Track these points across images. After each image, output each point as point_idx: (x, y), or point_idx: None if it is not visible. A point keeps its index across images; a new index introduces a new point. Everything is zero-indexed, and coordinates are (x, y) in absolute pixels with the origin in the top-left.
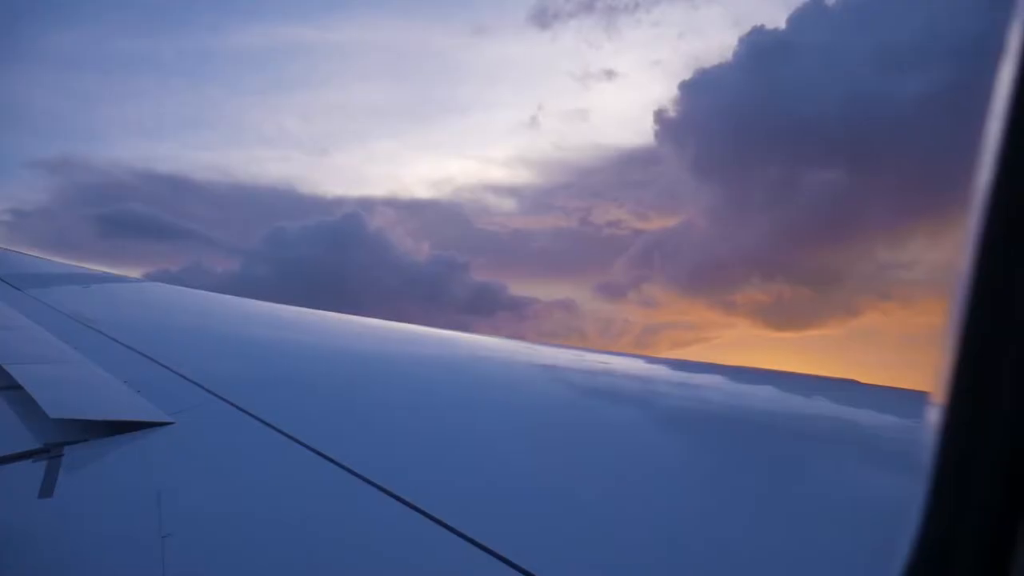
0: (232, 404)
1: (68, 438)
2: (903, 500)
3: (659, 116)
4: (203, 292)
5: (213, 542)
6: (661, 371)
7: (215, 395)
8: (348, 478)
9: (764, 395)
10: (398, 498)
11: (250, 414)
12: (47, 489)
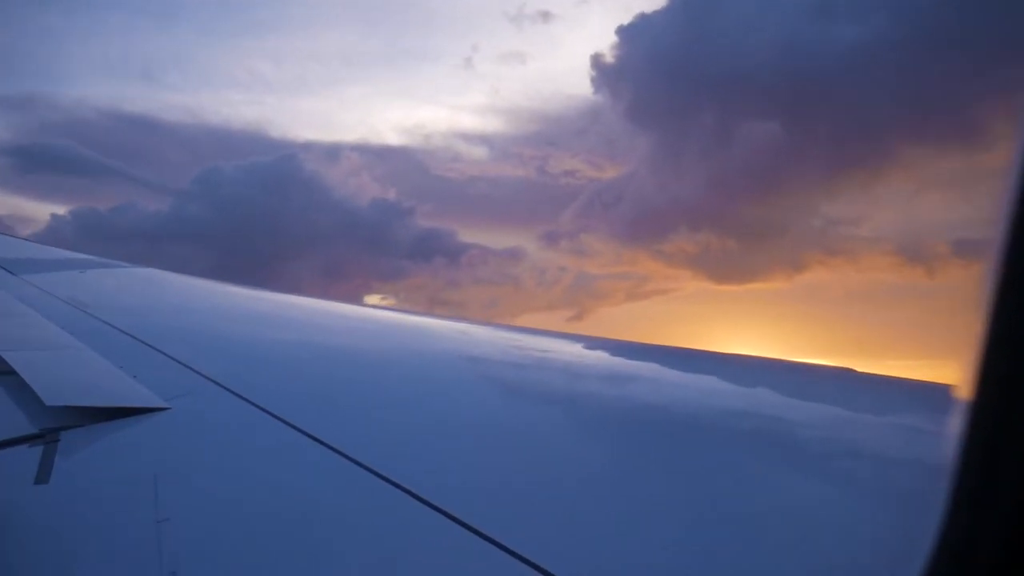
0: (228, 389)
1: (64, 423)
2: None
3: (596, 62)
4: (199, 279)
5: (210, 527)
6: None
7: (211, 380)
8: (342, 462)
9: (762, 389)
10: (392, 482)
11: (246, 399)
12: (43, 475)
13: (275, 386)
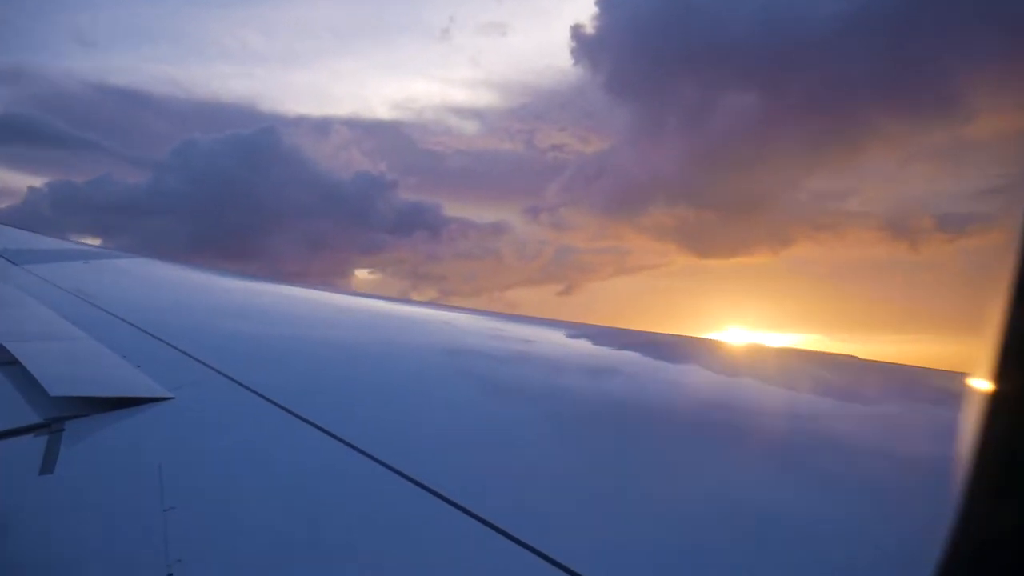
0: (232, 379)
1: (69, 413)
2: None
3: (576, 33)
4: (203, 269)
5: (215, 515)
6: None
7: (215, 370)
8: (347, 451)
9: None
10: (396, 470)
11: (250, 389)
12: (48, 464)
13: (279, 376)
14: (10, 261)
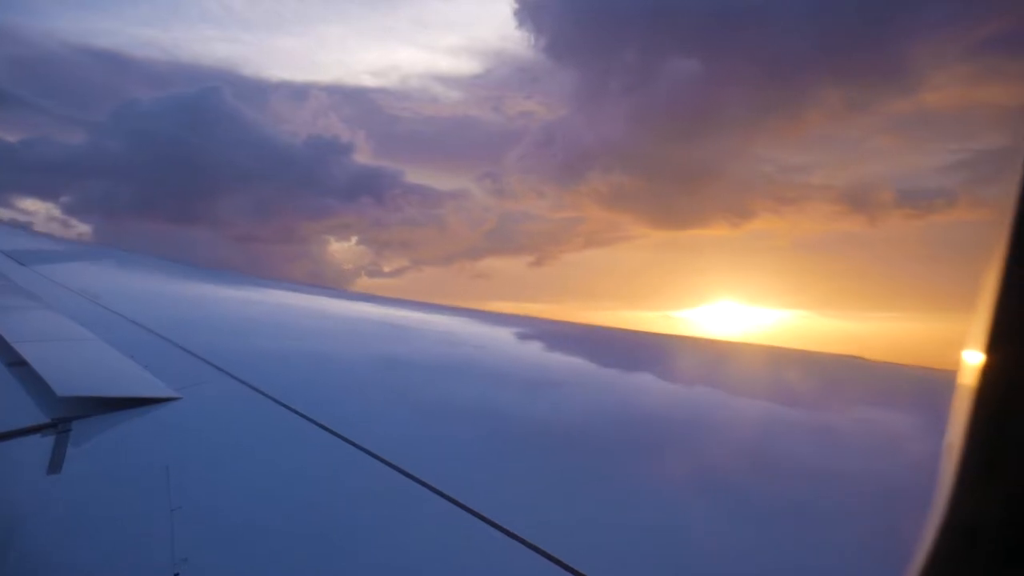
0: (238, 379)
1: (76, 413)
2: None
3: None
4: (209, 269)
5: (221, 515)
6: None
7: (221, 370)
8: (351, 450)
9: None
10: (401, 470)
11: (256, 389)
12: (56, 464)
13: (285, 376)
14: (17, 262)
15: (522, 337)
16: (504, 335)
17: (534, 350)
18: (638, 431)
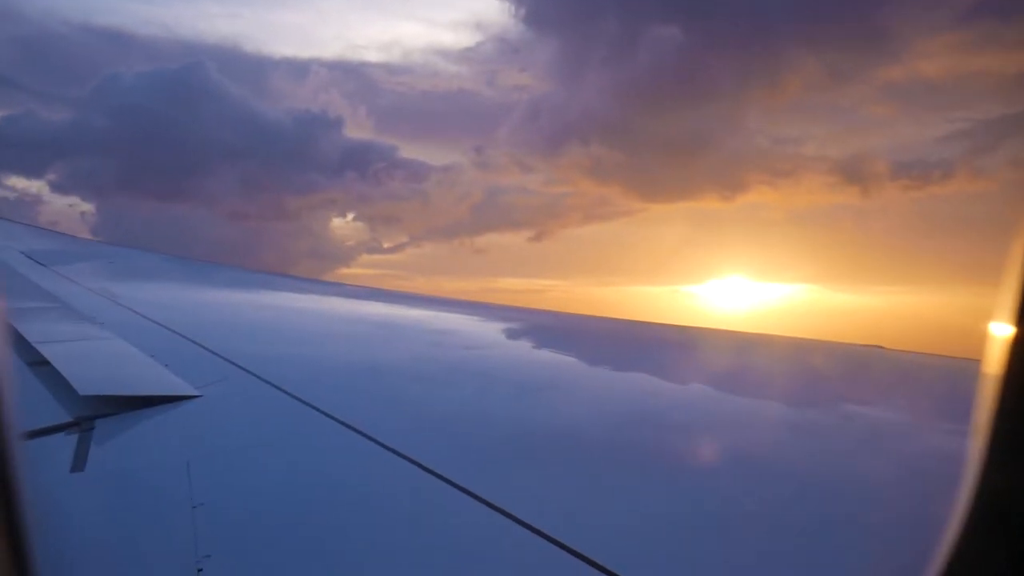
0: (258, 377)
1: (98, 412)
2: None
3: None
4: (228, 266)
5: (243, 512)
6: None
7: (241, 368)
8: (372, 447)
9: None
10: (420, 465)
11: (276, 386)
12: (79, 462)
13: (304, 373)
14: (37, 262)
15: (539, 336)
16: (521, 333)
17: (551, 349)
18: (673, 435)
